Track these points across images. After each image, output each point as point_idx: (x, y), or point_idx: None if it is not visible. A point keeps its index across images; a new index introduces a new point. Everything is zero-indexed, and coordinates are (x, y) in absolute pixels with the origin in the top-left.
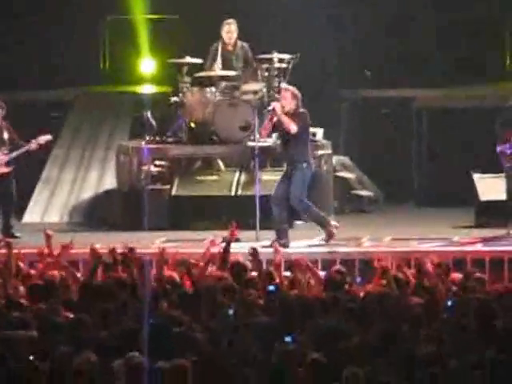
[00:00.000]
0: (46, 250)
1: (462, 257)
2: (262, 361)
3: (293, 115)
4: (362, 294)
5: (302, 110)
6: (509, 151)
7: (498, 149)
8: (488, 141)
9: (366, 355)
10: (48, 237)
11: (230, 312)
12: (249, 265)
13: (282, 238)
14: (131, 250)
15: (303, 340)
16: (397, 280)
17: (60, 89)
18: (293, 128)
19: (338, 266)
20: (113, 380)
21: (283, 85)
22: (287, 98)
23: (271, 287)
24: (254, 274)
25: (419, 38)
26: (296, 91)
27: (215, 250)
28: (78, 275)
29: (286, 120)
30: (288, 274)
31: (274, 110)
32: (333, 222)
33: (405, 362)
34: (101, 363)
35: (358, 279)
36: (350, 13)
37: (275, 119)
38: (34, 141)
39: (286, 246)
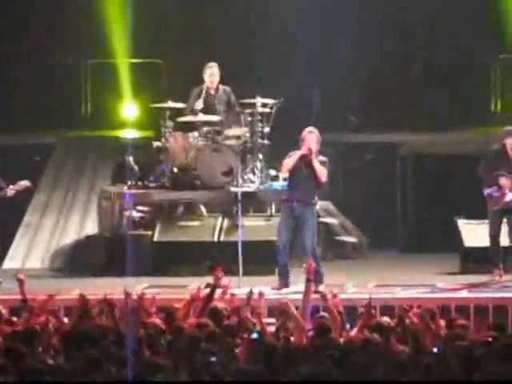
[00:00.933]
0: (24, 297)
1: (446, 303)
2: None
3: (319, 162)
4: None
5: (323, 157)
6: (495, 194)
7: (486, 192)
8: (473, 186)
9: None
10: (20, 282)
11: (213, 359)
12: (225, 311)
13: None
14: (128, 295)
15: None
16: (381, 327)
17: (41, 132)
18: (324, 177)
19: (322, 313)
20: None
21: (308, 128)
22: (314, 142)
23: (255, 334)
24: (231, 320)
25: (405, 82)
26: (317, 131)
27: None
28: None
29: (319, 168)
30: (270, 320)
31: (309, 151)
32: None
33: None
34: None
35: (348, 326)
36: (334, 55)
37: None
38: (11, 187)
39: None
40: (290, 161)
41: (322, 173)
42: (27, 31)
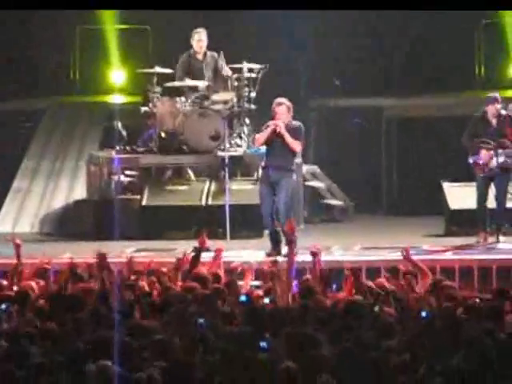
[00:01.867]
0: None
1: (431, 265)
2: (234, 367)
3: (292, 130)
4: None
5: (296, 123)
6: (481, 161)
7: (471, 160)
8: (458, 150)
9: (337, 364)
10: (17, 246)
11: (201, 321)
12: (209, 277)
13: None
14: (103, 256)
15: (275, 348)
16: (367, 289)
17: (30, 99)
18: (298, 147)
19: (307, 276)
20: None
21: (277, 100)
22: (284, 113)
23: (243, 297)
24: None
25: (391, 47)
26: (289, 103)
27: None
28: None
29: (290, 140)
30: (256, 283)
31: (277, 128)
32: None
33: (376, 370)
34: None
35: (334, 286)
36: (321, 23)
37: (279, 134)
38: None
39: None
40: (261, 136)
41: (294, 144)
42: None
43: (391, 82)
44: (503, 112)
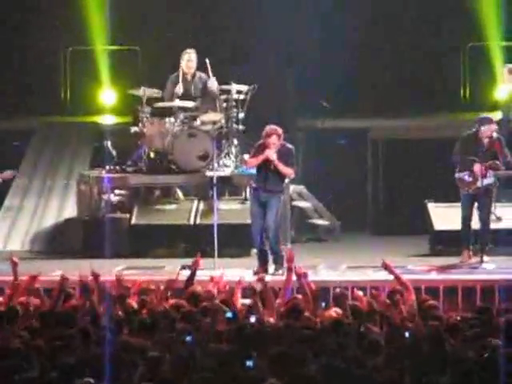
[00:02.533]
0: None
1: (416, 285)
2: None
3: (285, 156)
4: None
5: (288, 146)
6: (467, 178)
7: (457, 176)
8: (443, 171)
9: (323, 382)
10: (14, 264)
11: (188, 338)
12: (203, 294)
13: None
14: (96, 276)
15: (261, 365)
16: (353, 308)
17: (21, 118)
18: (291, 173)
19: (296, 295)
20: None
21: (267, 130)
22: (275, 142)
23: (229, 314)
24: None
25: (378, 66)
26: (279, 130)
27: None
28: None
29: (283, 168)
30: (246, 301)
31: (269, 158)
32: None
33: None
34: None
35: (322, 304)
36: (308, 41)
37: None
38: None
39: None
40: (253, 160)
41: (287, 172)
42: (8, 17)
43: (378, 104)
44: (495, 135)
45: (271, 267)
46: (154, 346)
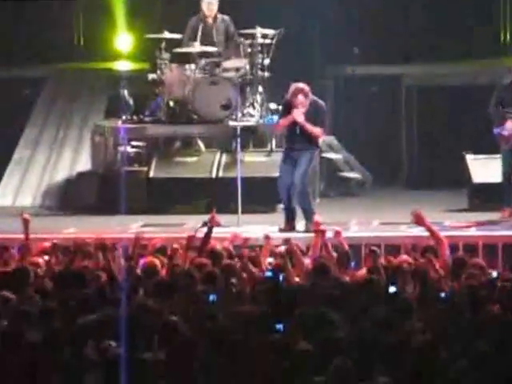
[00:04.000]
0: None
1: (453, 242)
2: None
3: (314, 114)
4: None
5: (318, 104)
6: (507, 133)
7: (496, 131)
8: (482, 120)
9: (355, 345)
10: (26, 222)
11: (212, 298)
12: (224, 252)
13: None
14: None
15: (291, 329)
16: (384, 267)
17: (33, 65)
18: (320, 135)
19: (322, 253)
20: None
21: (292, 88)
22: (302, 102)
23: (269, 272)
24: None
25: (408, 11)
26: (306, 88)
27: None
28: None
29: (311, 129)
30: (270, 260)
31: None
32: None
33: (396, 352)
34: (73, 352)
35: (353, 263)
36: None
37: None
38: None
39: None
40: (281, 123)
41: (317, 132)
42: None
43: (411, 48)
44: None
45: (301, 223)
46: (173, 309)
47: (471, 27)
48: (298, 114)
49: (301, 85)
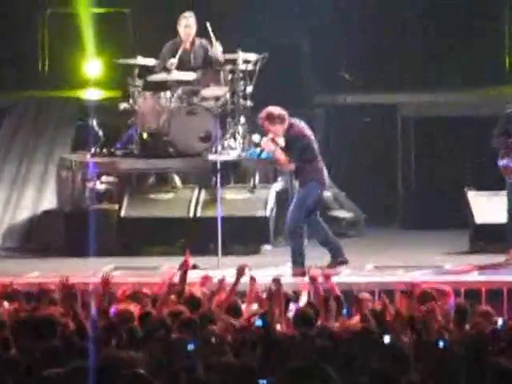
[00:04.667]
0: None
1: (454, 288)
2: None
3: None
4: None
5: (290, 131)
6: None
7: (501, 163)
8: (485, 153)
9: None
10: None
11: (189, 348)
12: (202, 297)
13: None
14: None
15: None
16: (379, 315)
17: None
18: (284, 163)
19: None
20: None
21: (264, 113)
22: (270, 128)
23: (259, 321)
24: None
25: (405, 35)
26: (271, 112)
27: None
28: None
29: (278, 157)
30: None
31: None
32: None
33: None
34: None
35: (344, 310)
36: (327, 9)
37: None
38: None
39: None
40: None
41: (282, 162)
42: None
43: (408, 76)
44: None
45: (288, 266)
46: (147, 360)
47: (473, 53)
48: (265, 142)
49: (265, 110)
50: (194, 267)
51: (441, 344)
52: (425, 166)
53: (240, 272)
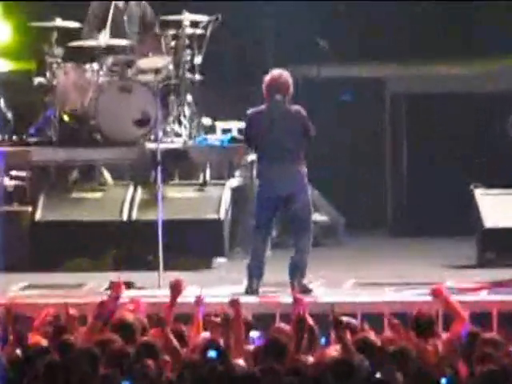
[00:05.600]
0: None
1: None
2: None
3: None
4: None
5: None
6: None
7: None
8: (497, 140)
9: None
10: None
11: None
12: (138, 324)
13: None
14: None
15: None
16: (363, 344)
17: None
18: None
19: (279, 325)
20: None
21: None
22: None
23: (212, 353)
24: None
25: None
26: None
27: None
28: None
29: None
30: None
31: None
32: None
33: None
34: None
35: (323, 340)
36: None
37: None
38: None
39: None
40: None
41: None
42: None
43: (397, 44)
44: None
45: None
46: None
47: (476, 18)
48: None
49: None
50: (129, 286)
51: (443, 382)
52: (420, 156)
53: (175, 289)
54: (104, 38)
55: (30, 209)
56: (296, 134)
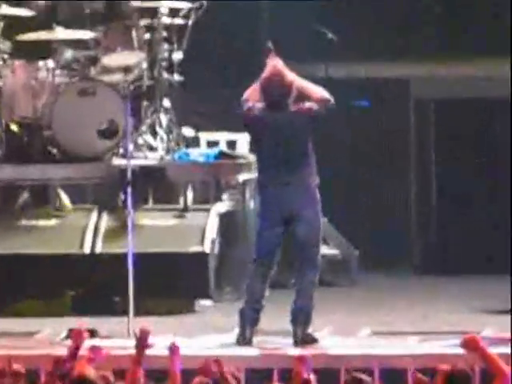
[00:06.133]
0: None
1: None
2: None
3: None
4: None
5: None
6: None
7: None
8: None
9: None
10: None
11: None
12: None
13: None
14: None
15: None
16: None
17: None
18: None
19: None
20: None
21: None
22: None
23: None
24: None
25: None
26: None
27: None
28: None
29: None
30: None
31: None
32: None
33: None
34: None
35: None
36: None
37: None
38: None
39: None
40: None
41: None
42: None
43: (423, 41)
44: None
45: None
46: None
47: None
48: None
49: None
50: (92, 334)
51: None
52: (451, 175)
53: (141, 340)
54: (61, 30)
55: None
56: (300, 136)
